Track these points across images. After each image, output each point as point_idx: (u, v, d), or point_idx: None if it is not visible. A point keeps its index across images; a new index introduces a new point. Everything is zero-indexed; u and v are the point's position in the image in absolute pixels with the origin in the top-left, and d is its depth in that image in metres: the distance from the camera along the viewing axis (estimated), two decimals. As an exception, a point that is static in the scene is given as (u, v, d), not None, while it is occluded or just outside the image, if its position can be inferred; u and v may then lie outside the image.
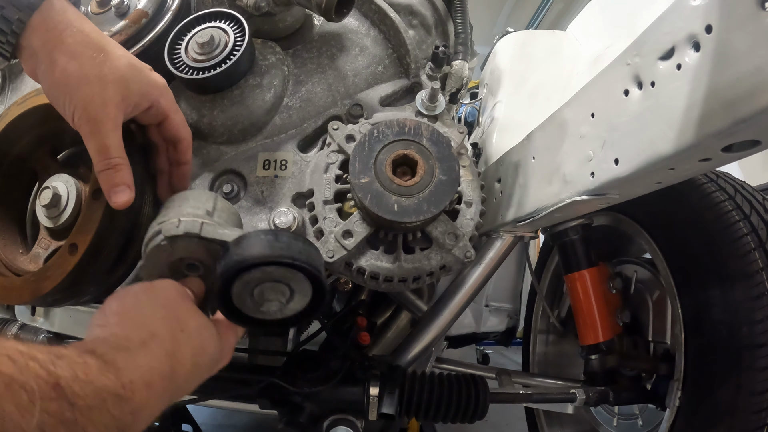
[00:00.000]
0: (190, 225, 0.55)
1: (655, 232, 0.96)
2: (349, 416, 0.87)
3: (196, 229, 0.55)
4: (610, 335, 1.02)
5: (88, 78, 0.55)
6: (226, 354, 0.56)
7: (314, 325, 1.27)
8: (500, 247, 1.00)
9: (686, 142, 0.49)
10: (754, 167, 2.31)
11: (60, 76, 0.55)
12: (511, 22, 5.42)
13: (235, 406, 1.05)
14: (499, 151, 1.01)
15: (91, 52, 0.56)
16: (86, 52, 0.56)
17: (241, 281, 0.52)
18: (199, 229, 0.55)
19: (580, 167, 0.69)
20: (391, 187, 0.64)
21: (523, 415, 1.41)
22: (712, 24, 0.45)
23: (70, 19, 0.56)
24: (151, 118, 0.63)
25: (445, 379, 0.90)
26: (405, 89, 0.83)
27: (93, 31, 0.58)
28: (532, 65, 1.21)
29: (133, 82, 0.58)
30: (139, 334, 0.46)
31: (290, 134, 0.79)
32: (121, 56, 0.59)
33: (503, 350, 3.39)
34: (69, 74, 0.55)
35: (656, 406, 0.98)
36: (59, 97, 0.56)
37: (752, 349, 0.75)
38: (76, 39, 0.56)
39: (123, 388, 0.39)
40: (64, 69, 0.55)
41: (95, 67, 0.56)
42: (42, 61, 0.56)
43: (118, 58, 0.58)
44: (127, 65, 0.59)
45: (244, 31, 0.72)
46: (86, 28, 0.57)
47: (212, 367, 0.54)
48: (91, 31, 0.57)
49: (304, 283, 0.53)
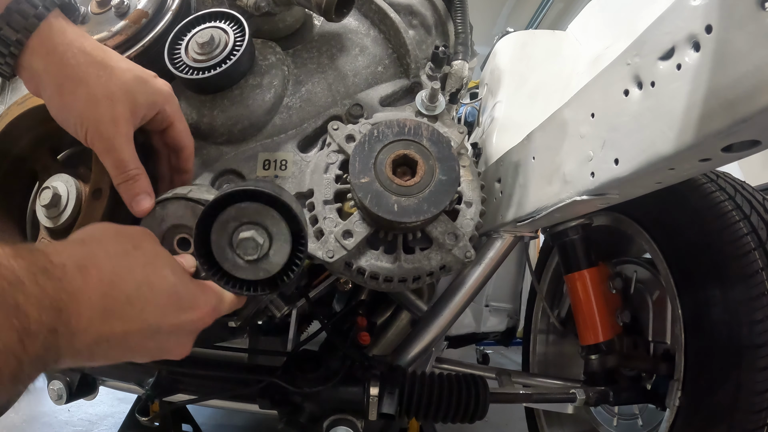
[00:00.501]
0: (179, 189, 0.61)
1: (655, 232, 0.96)
2: (349, 416, 0.87)
3: (185, 191, 0.60)
4: (610, 335, 1.02)
5: (96, 98, 0.56)
6: (200, 307, 0.52)
7: (314, 325, 1.28)
8: (500, 247, 1.01)
9: (686, 142, 0.49)
10: (754, 167, 2.31)
11: (68, 100, 0.56)
12: (511, 22, 5.42)
13: (235, 406, 1.05)
14: (499, 151, 1.01)
15: (96, 71, 0.56)
16: (91, 72, 0.56)
17: (219, 224, 0.53)
18: (187, 191, 0.59)
19: (580, 167, 0.69)
20: (391, 187, 0.64)
21: (523, 415, 1.41)
22: (712, 24, 0.45)
23: (71, 39, 0.56)
24: (156, 124, 0.63)
25: (445, 379, 0.90)
26: (405, 89, 0.83)
27: (94, 49, 0.58)
28: (532, 65, 1.21)
29: (140, 94, 0.59)
30: (80, 235, 0.46)
31: (290, 134, 0.79)
32: (126, 69, 0.59)
33: (503, 350, 3.40)
34: (77, 98, 0.56)
35: (656, 406, 0.98)
36: (69, 119, 0.57)
37: (752, 349, 0.75)
38: (79, 61, 0.56)
39: (52, 264, 0.39)
40: (71, 93, 0.56)
41: (102, 86, 0.56)
42: (47, 86, 0.56)
43: (123, 72, 0.58)
44: (133, 78, 0.59)
45: (244, 31, 0.72)
46: (87, 47, 0.57)
47: (171, 306, 0.49)
48: (93, 49, 0.57)
49: (280, 224, 0.54)
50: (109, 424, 1.86)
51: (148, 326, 0.46)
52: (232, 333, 1.14)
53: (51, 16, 0.55)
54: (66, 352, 0.40)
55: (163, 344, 0.50)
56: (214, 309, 0.54)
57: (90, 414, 1.96)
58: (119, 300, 0.44)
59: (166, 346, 0.50)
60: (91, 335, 0.42)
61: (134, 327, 0.45)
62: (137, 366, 0.98)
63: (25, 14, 0.53)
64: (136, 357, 0.49)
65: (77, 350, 0.41)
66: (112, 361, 0.46)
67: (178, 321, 0.50)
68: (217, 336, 1.09)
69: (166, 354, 0.51)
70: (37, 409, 1.95)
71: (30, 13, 0.53)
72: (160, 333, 0.48)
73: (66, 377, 1.03)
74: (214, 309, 0.54)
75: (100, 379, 1.08)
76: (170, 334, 0.49)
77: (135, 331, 0.45)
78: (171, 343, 0.51)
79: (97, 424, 1.88)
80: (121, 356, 0.47)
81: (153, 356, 0.50)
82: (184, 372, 0.96)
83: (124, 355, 0.47)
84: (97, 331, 0.42)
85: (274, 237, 0.54)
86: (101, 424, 1.87)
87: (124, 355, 0.47)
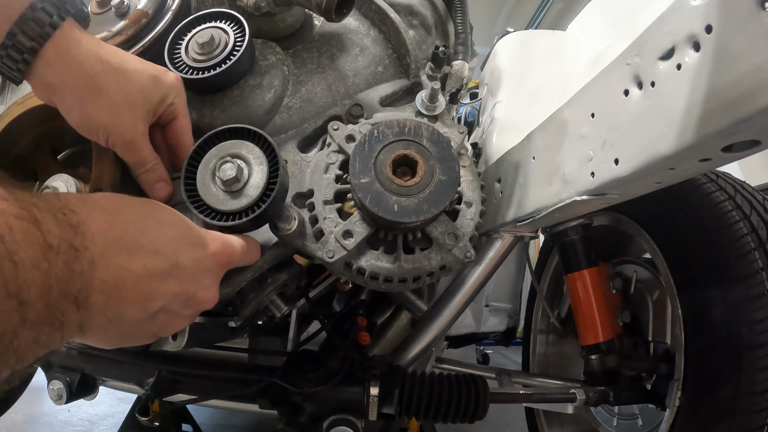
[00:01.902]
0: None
1: (655, 232, 0.96)
2: (349, 416, 0.87)
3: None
4: (610, 335, 1.02)
5: (117, 106, 0.58)
6: (209, 244, 0.53)
7: (314, 325, 1.28)
8: (500, 247, 1.01)
9: (686, 142, 0.49)
10: (754, 167, 2.31)
11: (90, 110, 0.58)
12: (511, 22, 5.42)
13: (235, 406, 1.05)
14: (499, 151, 1.01)
15: (115, 79, 0.58)
16: (110, 80, 0.58)
17: (203, 164, 0.60)
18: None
19: (580, 167, 0.69)
20: (391, 187, 0.64)
21: (523, 415, 1.41)
22: (712, 24, 0.45)
23: (87, 49, 0.57)
24: (163, 118, 0.65)
25: (445, 379, 0.90)
26: (405, 89, 0.83)
27: (110, 56, 0.59)
28: (532, 65, 1.21)
29: (155, 92, 0.61)
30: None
31: (290, 134, 0.79)
32: (141, 71, 0.60)
33: (503, 350, 3.40)
34: (99, 107, 0.58)
35: (656, 406, 0.98)
36: (91, 128, 0.59)
37: (752, 349, 0.75)
38: (97, 71, 0.57)
39: (52, 196, 0.40)
40: (93, 103, 0.57)
41: (121, 92, 0.58)
42: (65, 97, 0.58)
43: (139, 74, 0.60)
44: (149, 78, 0.61)
45: (244, 31, 0.72)
46: (103, 55, 0.58)
47: (181, 240, 0.50)
48: (109, 57, 0.58)
49: (255, 150, 0.61)
50: (109, 424, 1.87)
51: (165, 260, 0.46)
52: (232, 333, 1.13)
53: (65, 25, 0.55)
54: (92, 288, 0.40)
55: (188, 287, 0.49)
56: (225, 246, 0.55)
57: (90, 414, 1.96)
58: (128, 230, 0.44)
59: (192, 290, 0.50)
60: (111, 270, 0.41)
61: (152, 263, 0.45)
62: (137, 366, 0.98)
63: (41, 22, 0.53)
64: (166, 305, 0.48)
65: (102, 290, 0.41)
66: (144, 312, 0.45)
67: (195, 255, 0.50)
68: (217, 336, 1.09)
69: (194, 302, 0.51)
70: (37, 409, 1.95)
71: (45, 21, 0.54)
72: (181, 270, 0.48)
73: (66, 377, 1.03)
74: (224, 246, 0.55)
75: (100, 379, 1.08)
76: (192, 273, 0.49)
77: (155, 269, 0.45)
78: (196, 286, 0.50)
79: (97, 424, 1.88)
80: (149, 302, 0.45)
81: (183, 305, 0.49)
82: (184, 372, 0.96)
83: (152, 300, 0.46)
84: (116, 265, 0.42)
85: (252, 164, 0.60)
86: (101, 424, 1.87)
87: (152, 301, 0.46)
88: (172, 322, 0.51)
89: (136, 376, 0.99)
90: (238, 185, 0.60)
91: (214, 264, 0.53)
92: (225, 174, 0.59)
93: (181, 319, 0.52)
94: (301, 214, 0.69)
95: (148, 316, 0.46)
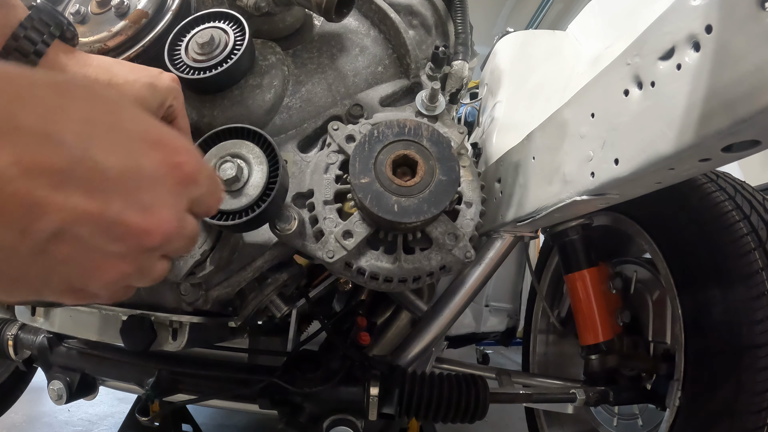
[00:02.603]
0: None
1: (655, 232, 0.96)
2: (349, 416, 0.87)
3: None
4: (610, 335, 1.02)
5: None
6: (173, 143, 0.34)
7: (314, 325, 1.28)
8: (500, 247, 1.01)
9: (686, 142, 0.49)
10: (754, 167, 2.31)
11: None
12: (511, 22, 5.42)
13: (235, 406, 1.05)
14: (499, 151, 1.01)
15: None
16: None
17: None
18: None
19: (580, 167, 0.69)
20: (391, 187, 0.64)
21: (523, 415, 1.41)
22: (712, 24, 0.45)
23: (73, 73, 0.55)
24: (162, 120, 0.64)
25: (445, 379, 0.90)
26: (405, 89, 0.83)
27: (99, 74, 0.57)
28: (532, 65, 1.21)
29: (151, 101, 0.59)
30: None
31: (290, 134, 0.79)
32: (133, 82, 0.59)
33: (503, 350, 3.40)
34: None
35: (656, 406, 0.98)
36: None
37: (752, 349, 0.75)
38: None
39: None
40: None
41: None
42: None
43: (130, 86, 0.58)
44: (141, 87, 0.59)
45: (244, 31, 0.72)
46: (92, 74, 0.56)
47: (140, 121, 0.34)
48: (97, 75, 0.57)
49: (254, 149, 0.62)
50: (109, 424, 1.87)
51: (68, 155, 0.28)
52: (232, 333, 1.13)
53: (50, 51, 0.53)
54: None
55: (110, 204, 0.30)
56: (191, 155, 0.35)
57: (90, 414, 1.96)
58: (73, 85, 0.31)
59: (116, 209, 0.30)
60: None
61: (38, 154, 0.27)
62: (137, 366, 0.98)
63: (25, 51, 0.51)
64: (67, 228, 0.29)
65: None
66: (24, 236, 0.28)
67: (133, 154, 0.31)
68: (217, 336, 1.09)
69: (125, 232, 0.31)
70: (37, 409, 1.95)
71: (29, 50, 0.52)
72: (99, 173, 0.29)
73: (66, 377, 1.03)
74: (190, 155, 0.35)
75: (100, 379, 1.08)
76: (121, 182, 0.30)
77: (42, 165, 0.27)
78: (126, 204, 0.30)
79: (97, 424, 1.88)
80: (31, 221, 0.27)
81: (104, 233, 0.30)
82: (184, 372, 0.96)
83: (37, 218, 0.27)
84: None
85: (252, 163, 0.61)
86: (101, 424, 1.87)
87: (37, 220, 0.27)
88: (89, 262, 0.31)
89: (136, 376, 0.99)
90: (238, 185, 0.60)
91: (169, 174, 0.33)
92: (225, 173, 0.59)
93: (106, 260, 0.31)
94: (301, 214, 0.69)
95: (35, 245, 0.28)
